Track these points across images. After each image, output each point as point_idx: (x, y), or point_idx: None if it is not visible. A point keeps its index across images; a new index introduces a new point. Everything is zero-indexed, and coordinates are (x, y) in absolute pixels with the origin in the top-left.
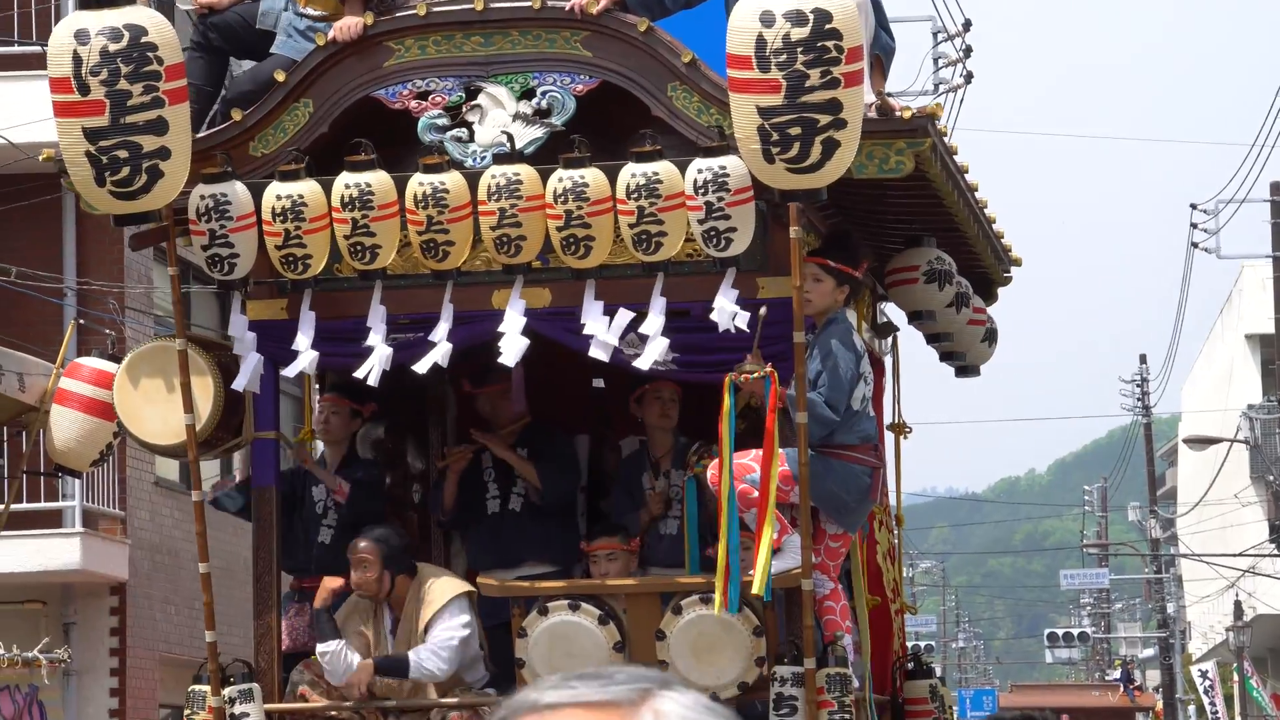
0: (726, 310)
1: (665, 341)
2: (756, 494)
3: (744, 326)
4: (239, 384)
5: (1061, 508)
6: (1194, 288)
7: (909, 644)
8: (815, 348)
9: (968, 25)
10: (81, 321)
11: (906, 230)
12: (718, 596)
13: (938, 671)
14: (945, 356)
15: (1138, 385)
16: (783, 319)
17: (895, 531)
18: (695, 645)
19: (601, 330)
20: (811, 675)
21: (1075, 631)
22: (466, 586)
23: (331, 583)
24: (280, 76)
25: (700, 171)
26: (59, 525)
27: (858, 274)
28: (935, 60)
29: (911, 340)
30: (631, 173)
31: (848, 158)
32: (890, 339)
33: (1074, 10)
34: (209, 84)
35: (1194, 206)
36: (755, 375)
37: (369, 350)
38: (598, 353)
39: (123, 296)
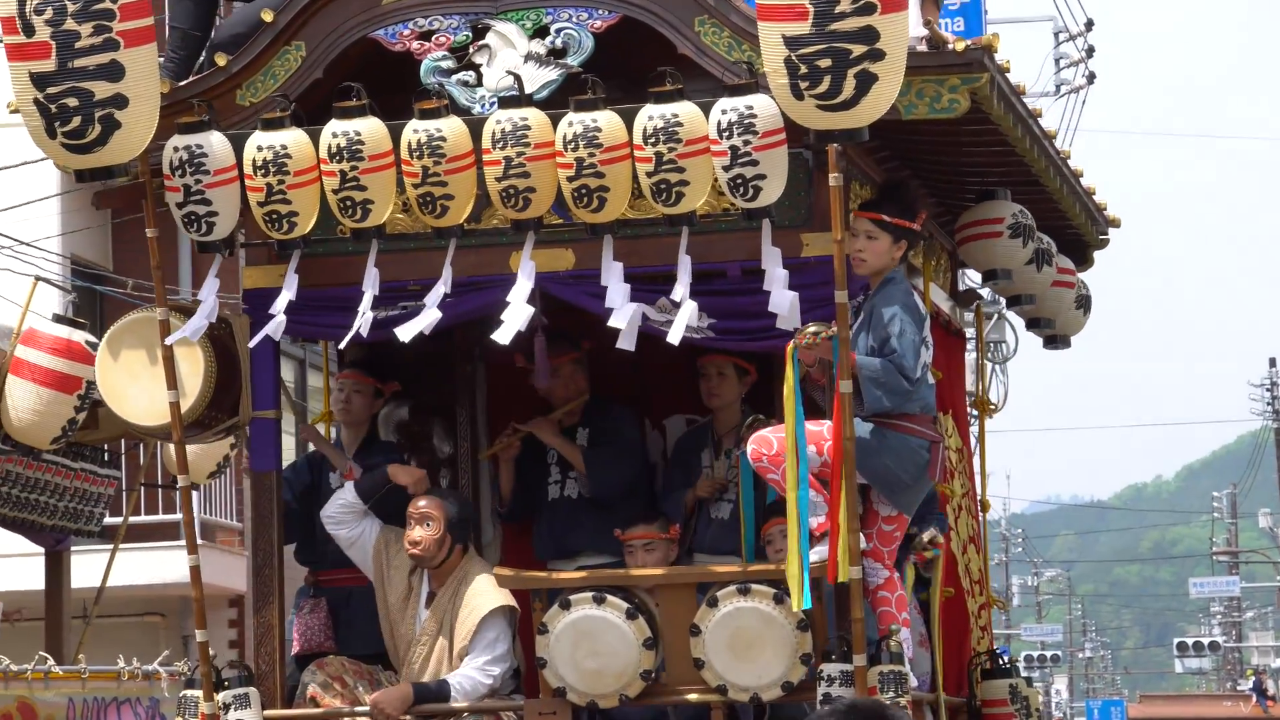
0: (779, 280)
1: (693, 306)
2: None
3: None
4: (183, 330)
5: (1190, 514)
6: None
7: (997, 642)
8: (873, 311)
9: (1089, 25)
10: (42, 279)
11: (979, 183)
12: (794, 590)
13: (1022, 670)
14: (1032, 324)
15: (1267, 389)
16: (823, 279)
17: (980, 518)
18: (733, 641)
19: (620, 297)
20: (862, 673)
21: (1205, 641)
22: (508, 599)
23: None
24: (268, 16)
25: (725, 112)
26: (176, 538)
27: (915, 226)
28: (1057, 61)
29: (1032, 348)
30: (649, 115)
31: (888, 94)
32: (973, 308)
33: (1201, 7)
34: (197, 28)
35: None
36: (823, 335)
37: (367, 319)
38: (619, 322)
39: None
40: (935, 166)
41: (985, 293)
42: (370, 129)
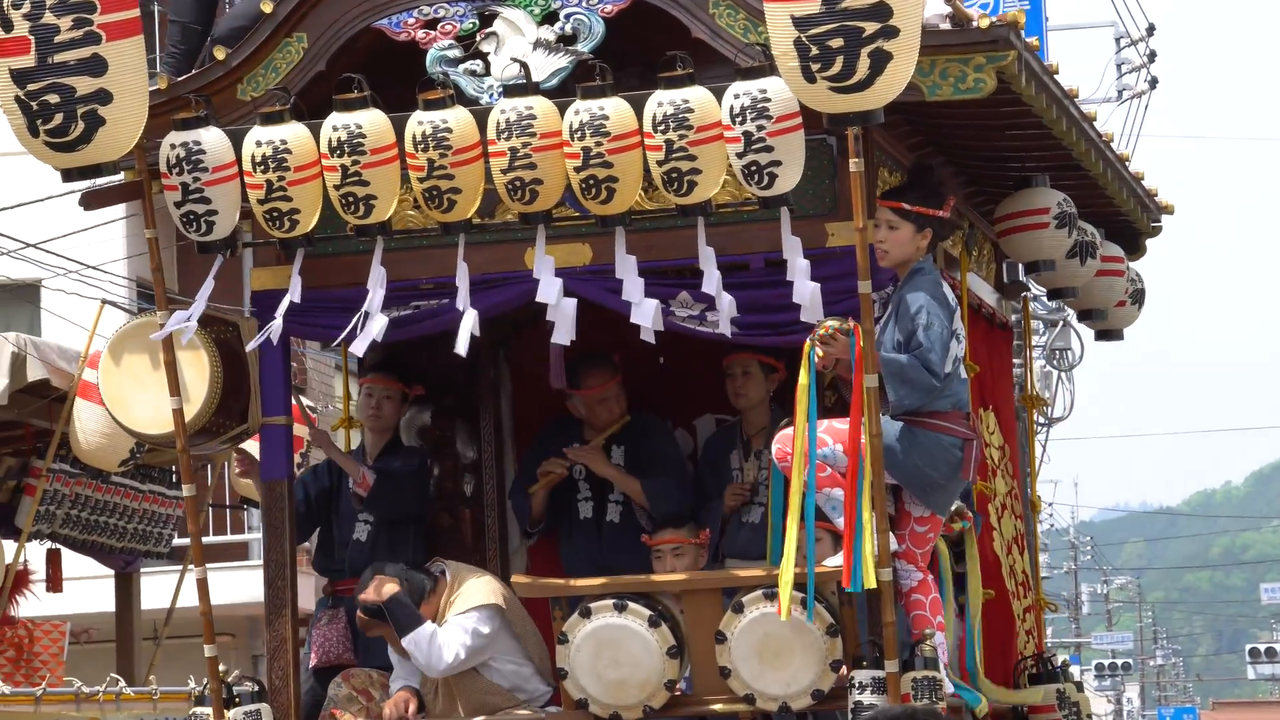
0: (801, 270)
1: (729, 299)
2: (827, 473)
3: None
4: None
5: (1260, 520)
6: None
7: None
8: (900, 303)
9: (1151, 30)
10: (109, 302)
11: (1019, 169)
12: (783, 597)
13: (1091, 678)
14: (1084, 316)
15: None
16: (849, 269)
17: (1032, 517)
18: (761, 648)
19: (637, 291)
20: (894, 680)
21: (1278, 646)
22: (498, 599)
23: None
24: (268, 7)
25: (737, 97)
26: (245, 558)
27: (941, 213)
28: (1118, 66)
29: (1098, 355)
30: (659, 101)
31: (903, 73)
32: (1020, 300)
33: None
34: (197, 21)
35: None
36: (841, 330)
37: (379, 322)
38: (641, 318)
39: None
40: (971, 152)
41: (1034, 290)
42: (372, 121)
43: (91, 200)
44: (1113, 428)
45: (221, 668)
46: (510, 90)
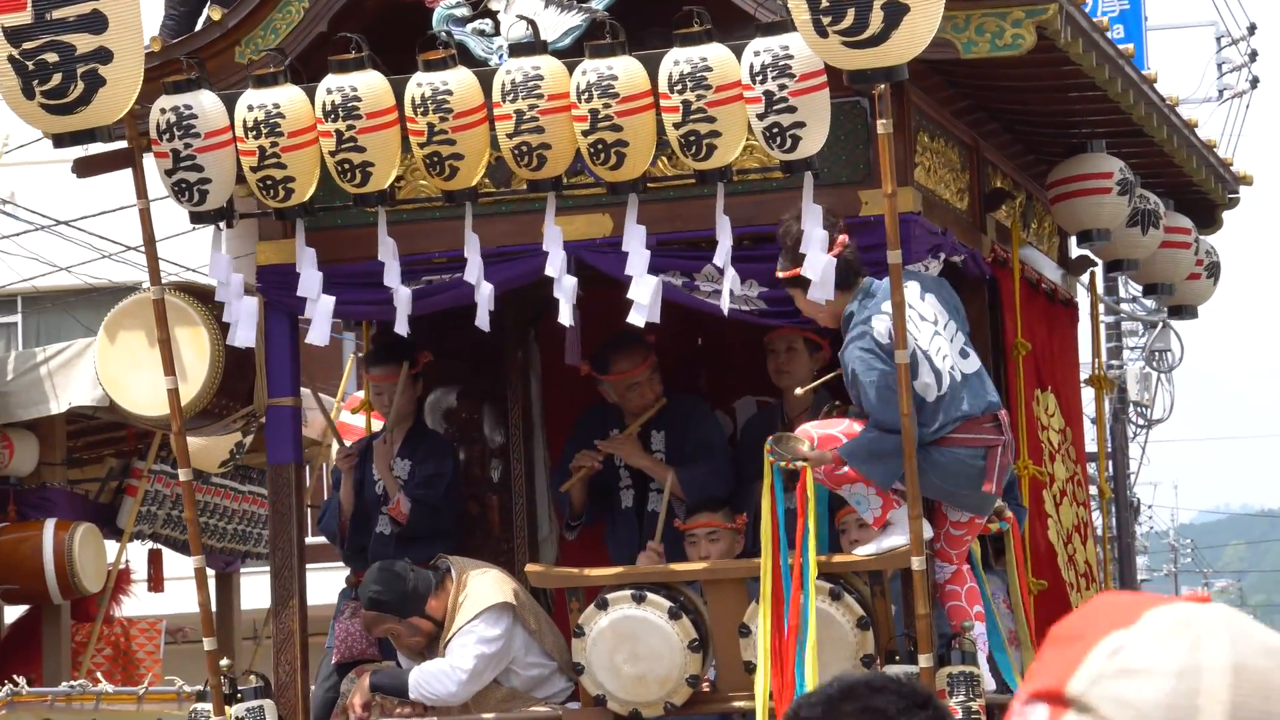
0: (817, 241)
1: (733, 273)
2: (848, 469)
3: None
4: (236, 338)
5: None
6: None
7: None
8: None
9: (1252, 29)
10: (361, 355)
11: (1080, 135)
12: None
13: None
14: (1149, 291)
15: None
16: (884, 239)
17: (1100, 504)
18: None
19: (641, 265)
20: (929, 675)
21: None
22: (506, 597)
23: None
24: None
25: (758, 54)
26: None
27: (801, 272)
28: (1219, 66)
29: (1198, 355)
30: (674, 60)
31: (924, 27)
32: (1087, 276)
33: None
34: None
35: None
36: (787, 464)
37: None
38: (639, 294)
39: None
40: (1025, 117)
41: (1133, 289)
42: (369, 84)
43: (84, 168)
44: (1213, 429)
45: (225, 662)
46: (516, 49)
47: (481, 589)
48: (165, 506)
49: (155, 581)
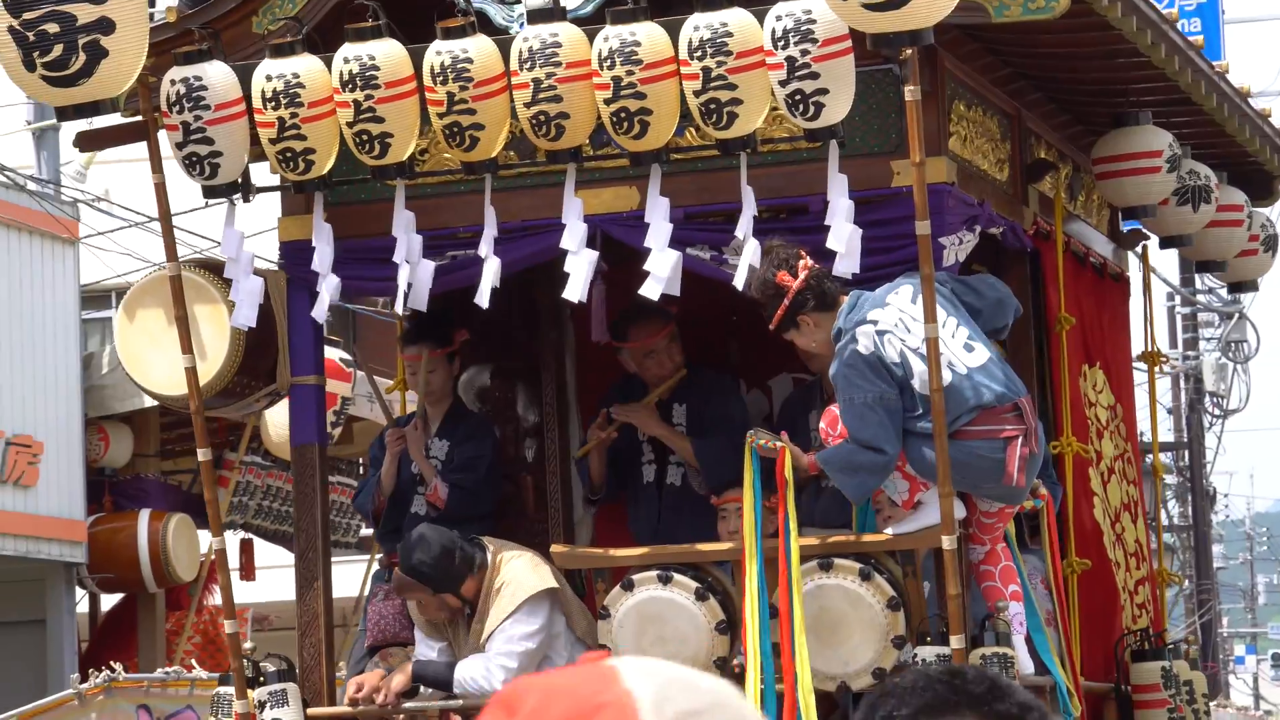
0: (842, 211)
1: (755, 244)
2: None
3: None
4: (237, 318)
5: None
6: None
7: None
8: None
9: None
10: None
11: (1124, 105)
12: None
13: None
14: (1202, 267)
15: None
16: (910, 212)
17: (1151, 482)
18: (816, 623)
19: (661, 238)
20: (961, 657)
21: None
22: (547, 583)
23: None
24: None
25: (779, 19)
26: None
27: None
28: None
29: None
30: (695, 25)
31: None
32: (1141, 249)
33: None
34: None
35: None
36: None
37: (420, 269)
38: (658, 266)
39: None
40: (1069, 86)
41: (1211, 281)
42: (386, 52)
43: (87, 141)
44: None
45: (248, 646)
46: (534, 16)
47: (520, 576)
48: (256, 497)
49: (247, 571)
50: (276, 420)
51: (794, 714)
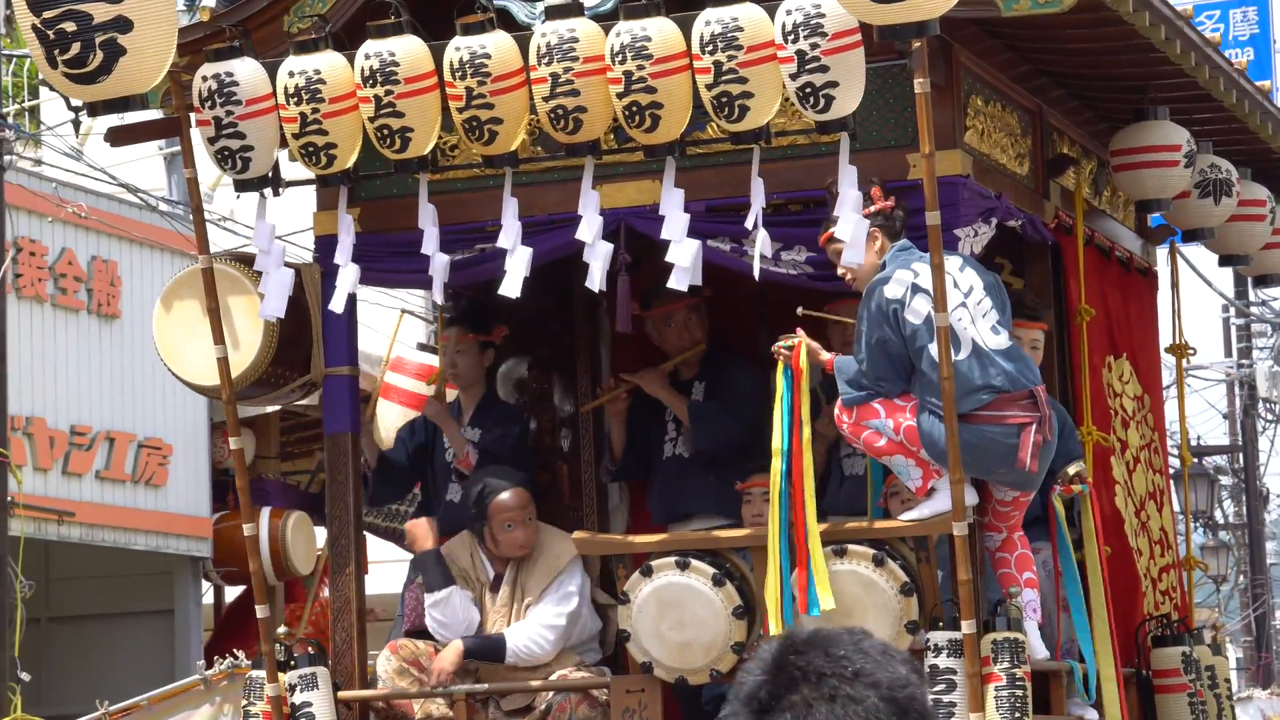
0: (850, 202)
1: (764, 235)
2: (885, 442)
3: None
4: (265, 310)
5: None
6: None
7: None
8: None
9: None
10: (408, 311)
11: (1145, 101)
12: (771, 613)
13: (1206, 637)
14: (1225, 261)
15: None
16: (918, 205)
17: (1178, 470)
18: (830, 609)
19: (679, 229)
20: (972, 642)
21: None
22: (575, 549)
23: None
24: None
25: (790, 13)
26: None
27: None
28: None
29: None
30: (706, 20)
31: None
32: (1167, 245)
33: None
34: None
35: None
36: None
37: (435, 261)
38: (680, 258)
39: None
40: (1089, 81)
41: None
42: (406, 49)
43: (120, 136)
44: None
45: (281, 630)
46: (553, 12)
47: (558, 541)
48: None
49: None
50: (387, 425)
51: None
